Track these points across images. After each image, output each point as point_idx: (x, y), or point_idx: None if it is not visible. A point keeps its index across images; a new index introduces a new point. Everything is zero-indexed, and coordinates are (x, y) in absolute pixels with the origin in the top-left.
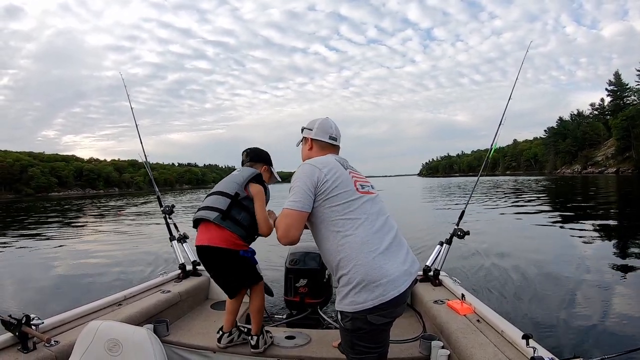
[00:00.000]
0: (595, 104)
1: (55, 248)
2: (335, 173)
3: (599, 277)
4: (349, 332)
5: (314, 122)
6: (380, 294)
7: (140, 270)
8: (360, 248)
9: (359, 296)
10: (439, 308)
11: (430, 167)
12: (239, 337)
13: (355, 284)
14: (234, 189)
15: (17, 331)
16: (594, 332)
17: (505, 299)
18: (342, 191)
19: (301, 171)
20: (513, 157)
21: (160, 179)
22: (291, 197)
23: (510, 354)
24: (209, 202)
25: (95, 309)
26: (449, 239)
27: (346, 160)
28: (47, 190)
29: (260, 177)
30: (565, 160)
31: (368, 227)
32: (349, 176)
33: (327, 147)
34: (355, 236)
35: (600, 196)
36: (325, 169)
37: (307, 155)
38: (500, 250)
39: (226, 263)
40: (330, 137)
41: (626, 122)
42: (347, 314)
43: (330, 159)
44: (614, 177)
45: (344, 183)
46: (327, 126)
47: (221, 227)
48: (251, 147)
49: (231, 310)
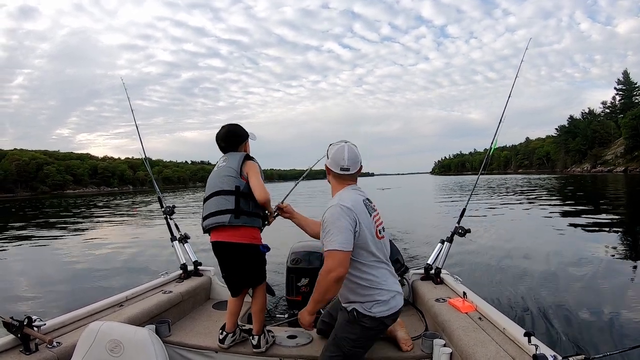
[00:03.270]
0: (606, 102)
1: (56, 249)
2: (364, 222)
3: (601, 274)
4: (363, 329)
5: (332, 147)
6: (393, 305)
7: (141, 270)
8: (383, 276)
9: (384, 305)
10: (440, 306)
11: (442, 165)
12: (240, 336)
13: (380, 299)
14: (232, 183)
15: (19, 333)
16: (596, 329)
17: (507, 297)
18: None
19: (340, 213)
20: (525, 155)
21: (173, 177)
22: (336, 237)
23: (512, 351)
24: (214, 207)
25: (97, 310)
26: (450, 237)
27: (370, 201)
28: (62, 188)
29: (248, 156)
30: (575, 159)
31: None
32: (373, 223)
33: (343, 177)
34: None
35: (604, 195)
36: (360, 217)
37: (328, 180)
38: (501, 248)
39: (244, 258)
40: (341, 168)
41: (635, 121)
42: (370, 316)
43: (360, 204)
44: (622, 176)
45: (370, 228)
46: (339, 157)
47: (237, 226)
48: (221, 134)
49: (233, 310)
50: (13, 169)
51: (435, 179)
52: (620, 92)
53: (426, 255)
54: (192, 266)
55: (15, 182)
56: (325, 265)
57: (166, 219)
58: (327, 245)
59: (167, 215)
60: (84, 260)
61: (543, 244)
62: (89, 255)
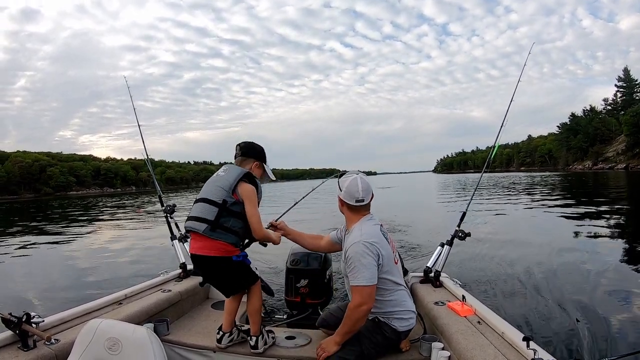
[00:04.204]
0: (608, 99)
1: (56, 247)
2: (386, 252)
3: (601, 279)
4: (384, 337)
5: (343, 181)
6: (410, 323)
7: (141, 269)
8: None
9: (403, 321)
10: (439, 309)
11: (444, 164)
12: (239, 336)
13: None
14: (221, 196)
15: (17, 329)
16: (595, 334)
17: (506, 301)
18: (388, 263)
19: (364, 250)
20: (527, 153)
21: (176, 178)
22: (363, 274)
23: (510, 355)
24: (197, 212)
25: (96, 308)
26: (450, 240)
27: (384, 228)
28: (66, 189)
29: (250, 175)
30: (577, 157)
31: (403, 284)
32: (391, 251)
33: (358, 209)
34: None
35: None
36: (383, 250)
37: (341, 211)
38: (501, 251)
39: (220, 270)
40: (356, 200)
41: (635, 118)
42: (391, 327)
43: (380, 236)
44: (623, 173)
45: (389, 257)
46: (353, 190)
47: (211, 238)
48: (246, 141)
49: (230, 310)
50: (16, 171)
51: (437, 178)
52: (621, 89)
53: (425, 258)
54: (192, 265)
55: (19, 183)
56: (354, 300)
57: (166, 218)
58: (354, 280)
59: (168, 214)
60: (84, 258)
61: (543, 247)
62: (88, 253)
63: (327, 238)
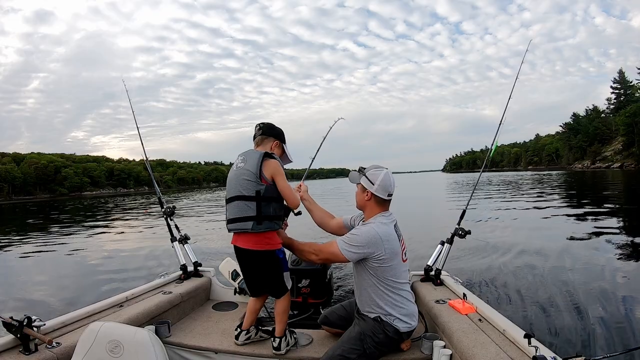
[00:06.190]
0: (611, 99)
1: (56, 250)
2: (394, 248)
3: (601, 275)
4: (386, 336)
5: (376, 175)
6: (412, 324)
7: (141, 271)
8: (407, 296)
9: (404, 323)
10: (440, 308)
11: (454, 163)
12: (257, 335)
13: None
14: (253, 188)
15: (18, 333)
16: (596, 331)
17: (506, 298)
18: (395, 262)
19: (371, 236)
20: (535, 152)
21: (188, 178)
22: (351, 243)
23: (512, 353)
24: (236, 212)
25: (97, 311)
26: (450, 239)
27: (398, 226)
28: (80, 190)
29: (267, 154)
30: (577, 156)
31: (407, 283)
32: (400, 248)
33: (384, 203)
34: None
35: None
36: (388, 244)
37: (363, 204)
38: (501, 249)
39: (261, 265)
40: (389, 194)
41: (630, 118)
42: (393, 327)
43: (393, 233)
44: (619, 171)
45: (397, 255)
46: (388, 184)
47: (259, 232)
48: (265, 122)
49: (252, 309)
50: (32, 172)
51: (445, 177)
52: (616, 90)
53: (426, 256)
54: (192, 267)
55: (34, 184)
56: (322, 246)
57: (166, 220)
58: (340, 238)
59: (167, 216)
60: (85, 260)
61: (544, 245)
62: (89, 256)
63: (339, 219)
